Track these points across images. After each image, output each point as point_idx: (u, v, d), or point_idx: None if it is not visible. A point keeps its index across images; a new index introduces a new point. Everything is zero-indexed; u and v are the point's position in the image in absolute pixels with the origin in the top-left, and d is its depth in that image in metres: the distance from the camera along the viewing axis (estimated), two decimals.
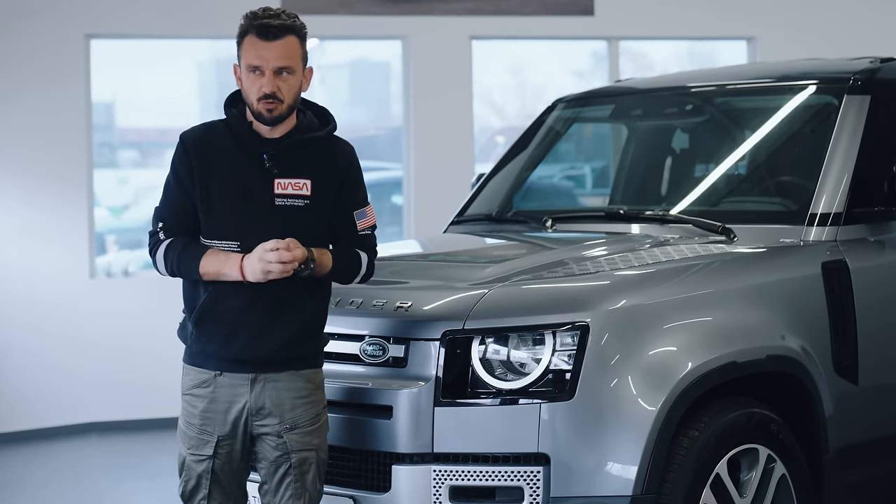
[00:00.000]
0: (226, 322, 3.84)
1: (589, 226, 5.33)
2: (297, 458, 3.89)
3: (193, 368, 3.92)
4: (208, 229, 3.86)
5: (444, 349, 4.03)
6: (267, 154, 3.85)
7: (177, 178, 3.88)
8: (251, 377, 3.85)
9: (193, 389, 3.91)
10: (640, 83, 6.24)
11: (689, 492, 4.00)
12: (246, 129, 3.88)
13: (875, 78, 5.20)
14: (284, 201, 3.85)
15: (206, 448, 3.88)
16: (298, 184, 3.87)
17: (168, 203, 3.92)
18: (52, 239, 9.10)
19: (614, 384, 3.97)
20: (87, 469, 8.16)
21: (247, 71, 3.84)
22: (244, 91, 3.87)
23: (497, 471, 3.96)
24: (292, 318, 3.87)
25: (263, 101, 3.81)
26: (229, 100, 3.98)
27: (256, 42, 3.82)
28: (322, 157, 3.93)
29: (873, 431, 4.81)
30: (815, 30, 10.51)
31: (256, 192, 3.84)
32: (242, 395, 3.86)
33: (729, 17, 10.47)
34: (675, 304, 4.21)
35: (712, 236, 4.86)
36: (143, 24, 9.33)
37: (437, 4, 9.80)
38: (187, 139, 3.91)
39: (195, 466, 3.90)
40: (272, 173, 3.85)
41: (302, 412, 3.90)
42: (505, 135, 11.18)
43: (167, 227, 3.90)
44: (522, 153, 6.15)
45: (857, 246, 4.83)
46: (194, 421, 3.90)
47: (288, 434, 3.88)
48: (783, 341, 4.41)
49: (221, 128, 3.94)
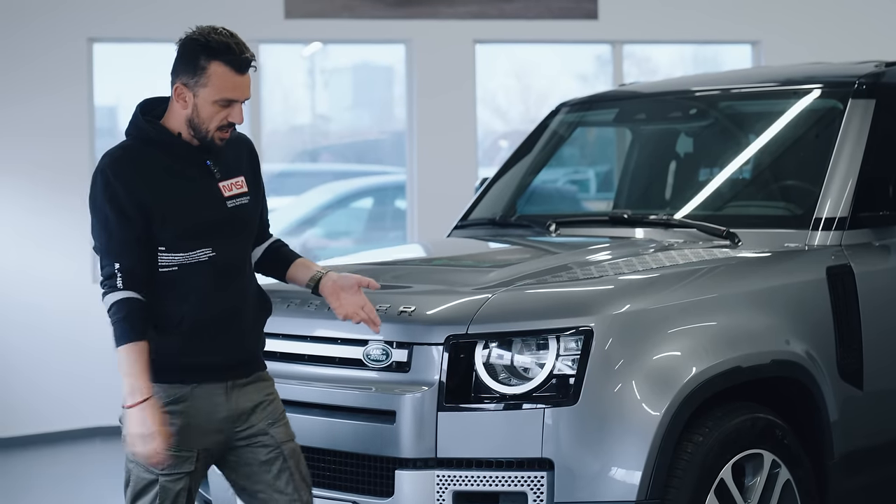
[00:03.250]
0: (211, 327, 3.76)
1: (593, 230, 5.34)
2: (288, 448, 3.86)
3: (162, 385, 3.75)
4: (175, 243, 3.71)
5: (448, 354, 4.02)
6: (210, 160, 3.79)
7: (116, 211, 3.65)
8: (227, 385, 3.80)
9: (167, 406, 3.74)
10: (644, 87, 6.24)
11: (693, 497, 3.99)
12: (178, 141, 3.76)
13: (880, 82, 5.19)
14: (235, 202, 3.81)
15: (185, 465, 3.75)
16: (238, 182, 3.84)
17: (116, 240, 3.65)
18: (55, 243, 9.11)
19: (618, 389, 3.96)
20: (91, 474, 8.16)
21: (213, 101, 3.69)
22: (200, 117, 3.71)
23: (501, 476, 3.95)
24: (259, 317, 3.91)
25: (224, 130, 3.73)
26: (142, 111, 3.83)
27: (232, 76, 3.69)
28: (238, 152, 3.91)
29: (878, 437, 4.80)
30: (819, 34, 10.51)
31: (212, 197, 3.77)
32: (220, 404, 3.79)
33: (733, 21, 10.46)
34: (680, 309, 4.21)
35: (717, 241, 4.85)
36: (146, 29, 9.34)
37: (440, 8, 9.80)
38: (114, 165, 3.69)
39: (172, 486, 3.75)
40: (216, 177, 3.80)
41: (274, 407, 3.89)
42: (508, 139, 11.18)
43: (125, 270, 3.64)
44: (526, 157, 6.15)
45: (862, 250, 4.82)
46: (172, 441, 3.72)
47: (272, 429, 3.85)
48: (788, 346, 4.40)
49: (139, 146, 3.77)
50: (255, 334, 3.90)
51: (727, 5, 10.44)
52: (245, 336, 3.84)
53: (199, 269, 3.73)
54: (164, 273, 3.72)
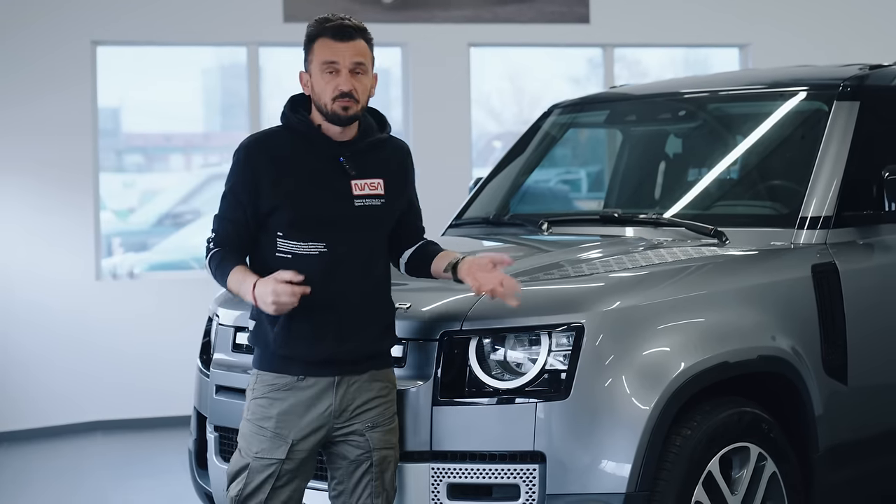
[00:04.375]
0: (314, 324, 3.78)
1: (584, 229, 5.34)
2: (379, 456, 3.86)
3: (270, 374, 3.83)
4: (290, 232, 3.79)
5: (443, 349, 4.02)
6: (344, 156, 3.84)
7: (233, 191, 3.83)
8: (335, 380, 3.81)
9: (270, 392, 3.82)
10: (635, 89, 6.24)
11: (681, 489, 4.00)
12: (316, 132, 3.84)
13: (864, 84, 5.20)
14: (363, 202, 3.83)
15: (278, 451, 3.79)
16: (374, 184, 3.86)
17: (222, 211, 3.87)
18: (60, 241, 9.10)
19: (609, 384, 3.97)
20: (92, 466, 8.15)
21: (321, 71, 3.78)
22: (316, 93, 3.81)
23: (494, 468, 3.95)
24: (379, 316, 3.89)
25: (339, 99, 3.77)
26: (290, 105, 3.93)
27: (331, 42, 3.78)
28: (388, 156, 3.94)
29: (862, 431, 4.81)
30: (805, 38, 10.53)
31: (338, 193, 3.81)
32: (326, 398, 3.81)
33: (722, 25, 10.48)
34: (669, 306, 4.21)
35: (705, 239, 4.86)
36: (149, 32, 9.33)
37: (436, 12, 9.81)
38: (250, 145, 3.85)
39: (261, 470, 3.79)
40: (350, 175, 3.83)
41: (382, 411, 3.88)
42: (502, 139, 11.19)
43: (218, 235, 3.86)
44: (519, 158, 6.15)
45: (847, 249, 4.83)
46: (268, 424, 3.80)
47: (370, 433, 3.85)
48: (774, 342, 4.41)
49: (284, 133, 3.88)
50: (369, 334, 3.86)
51: (716, 10, 10.45)
52: (354, 334, 3.82)
53: (310, 262, 3.78)
54: (279, 259, 3.80)
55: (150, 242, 10.75)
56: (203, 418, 4.85)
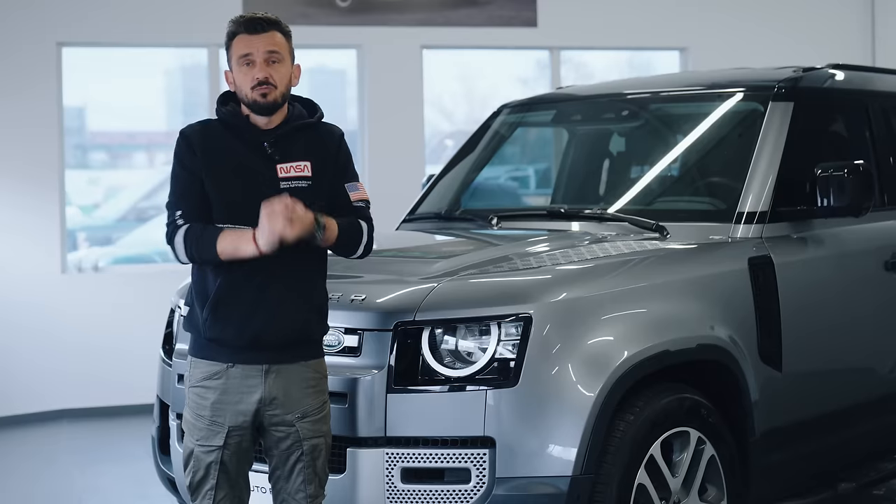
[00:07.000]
0: (242, 306, 3.73)
1: (532, 223, 5.34)
2: (309, 445, 3.82)
3: (203, 361, 3.80)
4: (219, 216, 3.75)
5: (397, 339, 4.02)
6: (267, 142, 3.80)
7: (183, 167, 3.79)
8: (264, 368, 3.76)
9: (204, 381, 3.78)
10: (580, 90, 6.25)
11: (625, 472, 4.02)
12: (243, 122, 3.83)
13: (798, 86, 5.23)
14: (290, 184, 3.78)
15: (216, 439, 3.76)
16: (300, 166, 3.81)
17: (179, 191, 3.79)
18: (26, 236, 9.01)
19: (555, 372, 3.97)
20: (58, 453, 8.08)
21: (239, 64, 3.79)
22: (238, 87, 3.81)
23: (446, 453, 3.95)
24: (307, 299, 3.81)
25: (257, 87, 3.75)
26: (221, 100, 3.91)
27: (246, 37, 3.78)
28: (316, 140, 3.89)
29: (796, 415, 4.84)
30: (742, 41, 10.61)
31: (262, 176, 3.77)
32: (256, 386, 3.76)
33: (663, 30, 10.53)
34: (612, 297, 4.22)
35: (647, 233, 4.87)
36: (113, 33, 9.26)
37: (390, 16, 9.79)
38: (188, 132, 3.83)
39: (204, 457, 3.77)
40: (274, 159, 3.80)
41: (311, 401, 3.83)
42: (454, 138, 11.17)
43: (185, 213, 3.76)
44: (470, 155, 6.15)
45: (781, 242, 4.86)
46: (204, 413, 3.77)
47: (300, 423, 3.80)
48: (712, 331, 4.43)
49: (217, 125, 3.86)
50: (296, 321, 3.79)
51: (658, 15, 10.50)
52: (282, 318, 3.76)
53: None
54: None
55: (115, 237, 10.67)
56: (166, 406, 4.82)
